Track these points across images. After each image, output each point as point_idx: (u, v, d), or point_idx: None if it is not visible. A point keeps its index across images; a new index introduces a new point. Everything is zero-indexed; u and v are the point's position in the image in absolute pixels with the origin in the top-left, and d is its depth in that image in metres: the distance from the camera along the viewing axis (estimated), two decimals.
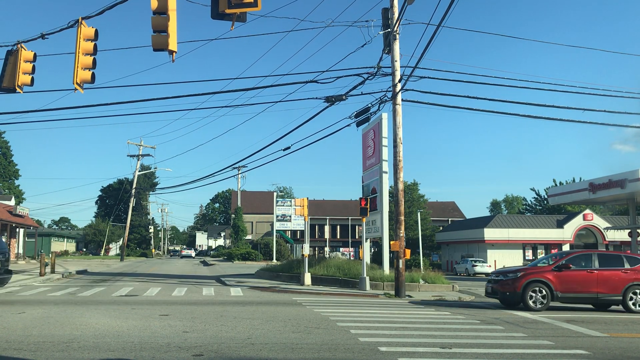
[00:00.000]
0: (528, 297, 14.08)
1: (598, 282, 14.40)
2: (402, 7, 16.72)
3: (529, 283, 14.18)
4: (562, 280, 14.28)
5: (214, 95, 31.34)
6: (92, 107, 18.23)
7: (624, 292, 14.37)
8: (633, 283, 14.41)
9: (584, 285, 14.40)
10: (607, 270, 14.57)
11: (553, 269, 14.51)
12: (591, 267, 14.62)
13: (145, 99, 23.51)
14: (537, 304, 14.07)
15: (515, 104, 55.02)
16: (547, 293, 14.13)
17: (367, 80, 18.97)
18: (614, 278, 14.47)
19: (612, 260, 15.05)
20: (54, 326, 9.77)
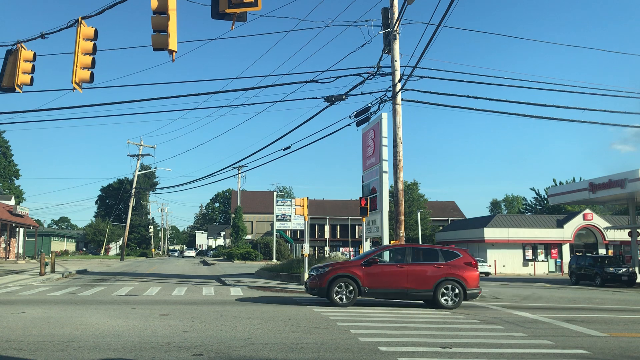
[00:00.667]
0: (334, 293, 13.69)
1: (408, 276, 13.92)
2: (402, 7, 16.73)
3: (334, 278, 13.77)
4: (370, 275, 13.86)
5: (213, 95, 31.32)
6: (92, 106, 18.25)
7: (435, 287, 13.84)
8: (446, 278, 13.90)
9: (394, 280, 13.93)
10: (419, 265, 14.13)
11: (362, 264, 14.05)
12: (403, 262, 14.17)
13: (145, 99, 23.51)
14: (343, 299, 13.69)
15: (516, 103, 55.08)
16: (354, 288, 13.70)
17: (367, 80, 18.99)
18: (426, 273, 13.97)
19: (427, 255, 14.56)
20: (54, 326, 9.76)
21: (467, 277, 14.02)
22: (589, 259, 32.12)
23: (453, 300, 13.88)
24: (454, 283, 13.94)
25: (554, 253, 49.42)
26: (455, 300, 13.89)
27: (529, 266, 48.84)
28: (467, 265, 14.25)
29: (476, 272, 14.30)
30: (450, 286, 13.92)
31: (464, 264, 14.24)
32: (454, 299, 13.88)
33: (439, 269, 14.04)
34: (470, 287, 14.02)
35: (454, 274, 13.98)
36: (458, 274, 13.99)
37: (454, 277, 13.95)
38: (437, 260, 14.27)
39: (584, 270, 31.30)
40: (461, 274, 14.01)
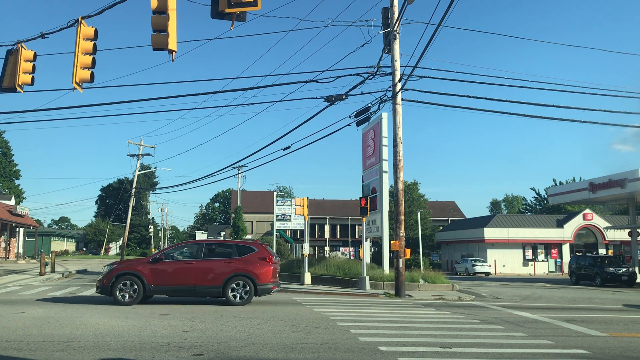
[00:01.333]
0: (117, 291, 13.35)
1: (197, 273, 13.60)
2: (402, 7, 16.71)
3: (118, 276, 13.47)
4: (157, 272, 13.55)
5: (213, 95, 31.32)
6: (92, 106, 18.23)
7: (224, 283, 13.52)
8: (236, 274, 13.57)
9: (181, 277, 13.61)
10: (209, 261, 13.87)
11: (150, 261, 13.80)
12: (194, 258, 13.95)
13: (145, 99, 23.50)
14: (126, 297, 13.36)
15: (516, 103, 55.06)
16: (138, 286, 13.39)
17: (367, 79, 18.96)
18: (215, 269, 13.67)
19: (220, 251, 14.34)
20: (54, 326, 9.77)
21: (258, 272, 13.66)
22: (589, 259, 32.12)
23: (242, 297, 13.52)
24: (245, 279, 13.58)
25: (554, 253, 49.43)
26: (244, 297, 13.52)
27: (529, 266, 48.85)
28: (261, 260, 13.85)
29: (270, 267, 13.87)
30: (241, 282, 13.56)
31: (257, 258, 13.87)
32: (243, 296, 13.52)
33: (229, 265, 13.71)
34: (262, 282, 13.64)
35: (244, 269, 13.63)
36: (249, 269, 13.64)
37: (245, 272, 13.61)
38: (230, 256, 13.96)
39: (584, 270, 31.31)
40: (252, 269, 13.65)
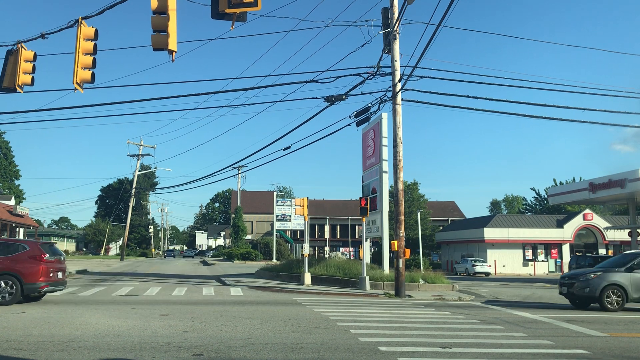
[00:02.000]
0: None
1: None
2: (402, 7, 16.72)
3: None
4: None
5: (213, 95, 31.35)
6: (92, 106, 18.26)
7: None
8: (2, 273, 13.07)
9: None
10: None
11: None
12: None
13: (145, 99, 23.52)
14: None
15: (516, 103, 55.06)
16: None
17: (367, 80, 18.97)
18: None
19: None
20: (54, 326, 9.77)
21: (26, 271, 13.27)
22: (589, 259, 32.06)
23: (6, 297, 13.01)
24: (11, 277, 13.16)
25: (554, 253, 49.42)
26: (8, 298, 13.01)
27: (529, 266, 48.84)
28: (30, 259, 13.52)
29: (40, 266, 13.44)
30: (9, 282, 13.10)
31: (27, 257, 13.54)
32: (6, 296, 13.02)
33: None
34: (29, 281, 13.23)
35: (11, 268, 13.22)
36: (16, 268, 13.24)
37: (11, 271, 13.20)
38: None
39: None
40: (19, 268, 13.25)
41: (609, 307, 14.37)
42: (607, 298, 14.47)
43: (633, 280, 14.54)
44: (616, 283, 14.52)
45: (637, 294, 14.49)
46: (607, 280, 14.57)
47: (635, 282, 14.53)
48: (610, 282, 14.54)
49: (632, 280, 14.53)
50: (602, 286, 14.50)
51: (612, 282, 14.54)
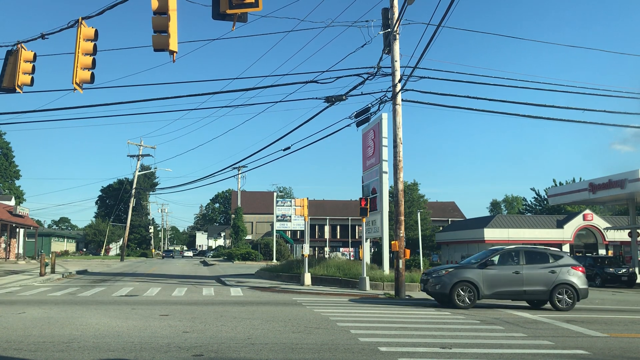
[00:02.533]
0: None
1: None
2: (402, 7, 16.72)
3: None
4: None
5: (214, 95, 31.36)
6: (92, 107, 18.26)
7: None
8: None
9: None
10: None
11: None
12: None
13: (145, 99, 23.52)
14: None
15: (515, 104, 55.00)
16: None
17: (367, 80, 18.96)
18: None
19: None
20: (54, 326, 9.77)
21: None
22: (589, 260, 32.09)
23: None
24: None
25: None
26: None
27: None
28: None
29: None
30: None
31: None
32: None
33: None
34: None
35: None
36: None
37: None
38: None
39: None
40: None
41: (459, 304, 13.99)
42: (457, 295, 14.08)
43: (485, 276, 14.23)
44: (467, 280, 14.16)
45: (489, 290, 14.17)
46: (458, 277, 14.23)
47: (487, 278, 14.20)
48: (462, 278, 14.19)
49: (484, 277, 14.20)
50: (453, 283, 14.15)
51: (463, 278, 14.18)
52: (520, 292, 14.40)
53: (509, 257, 14.96)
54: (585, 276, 14.87)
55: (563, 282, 14.36)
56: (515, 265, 14.64)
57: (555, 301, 14.30)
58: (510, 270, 14.46)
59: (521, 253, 14.92)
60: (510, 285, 14.33)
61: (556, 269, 14.48)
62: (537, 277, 14.40)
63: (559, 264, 14.63)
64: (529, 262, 14.70)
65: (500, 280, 14.32)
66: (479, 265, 14.56)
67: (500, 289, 14.32)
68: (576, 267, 14.77)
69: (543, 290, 14.36)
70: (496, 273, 14.39)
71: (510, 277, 14.35)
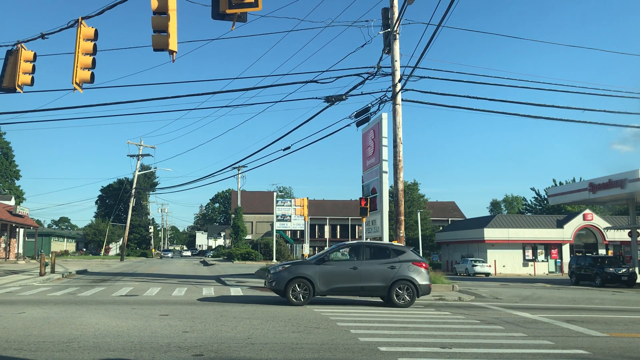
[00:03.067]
0: None
1: None
2: (402, 7, 16.73)
3: None
4: None
5: (214, 95, 31.36)
6: (92, 107, 18.28)
7: None
8: None
9: None
10: None
11: None
12: None
13: (145, 99, 23.52)
14: None
15: (515, 104, 55.06)
16: None
17: (367, 80, 19.00)
18: None
19: None
20: (54, 326, 9.76)
21: None
22: (589, 259, 32.11)
23: None
24: None
25: (554, 253, 49.42)
26: None
27: (529, 266, 48.84)
28: None
29: None
30: None
31: None
32: None
33: None
34: None
35: None
36: None
37: None
38: None
39: (584, 270, 31.30)
40: None
41: (293, 301, 13.72)
42: (292, 291, 13.81)
43: (322, 272, 13.99)
44: (303, 276, 13.92)
45: (325, 286, 13.93)
46: (293, 273, 13.96)
47: (324, 274, 13.97)
48: (297, 275, 13.94)
49: (321, 273, 13.97)
50: (288, 279, 13.86)
51: (299, 275, 13.93)
52: (357, 288, 14.13)
53: (350, 252, 14.82)
54: (427, 272, 14.56)
55: (402, 278, 14.08)
56: (354, 261, 14.41)
57: (393, 297, 14.02)
58: (348, 266, 14.23)
59: (362, 248, 14.69)
60: (347, 281, 14.06)
61: (396, 265, 14.20)
62: (375, 272, 14.11)
63: (400, 260, 14.33)
64: (370, 257, 14.46)
65: (337, 276, 14.07)
66: (317, 262, 14.31)
67: (336, 285, 14.04)
68: (418, 263, 14.46)
69: (381, 286, 14.06)
70: (333, 269, 14.16)
71: (348, 273, 14.10)
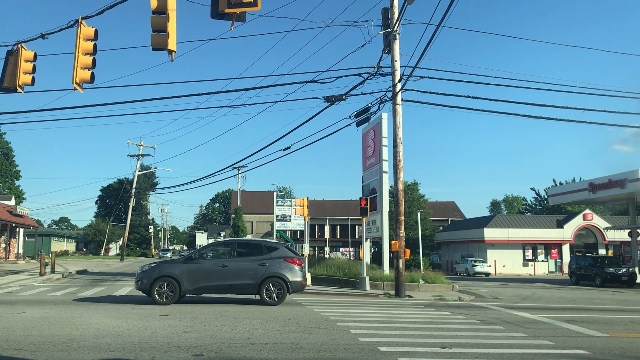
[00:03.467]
0: None
1: None
2: (402, 7, 16.71)
3: None
4: None
5: (213, 95, 31.36)
6: (92, 107, 18.26)
7: None
8: None
9: None
10: None
11: None
12: None
13: (145, 99, 23.52)
14: None
15: (515, 104, 55.06)
16: None
17: (367, 80, 18.97)
18: None
19: None
20: (54, 326, 9.76)
21: None
22: (589, 259, 32.11)
23: None
24: None
25: (554, 253, 49.42)
26: None
27: (528, 266, 48.84)
28: None
29: None
30: None
31: None
32: None
33: None
34: None
35: None
36: None
37: None
38: None
39: (584, 270, 31.30)
40: None
41: (158, 300, 13.43)
42: (157, 290, 13.56)
43: (189, 271, 13.79)
44: (169, 275, 13.71)
45: (192, 285, 13.72)
46: (159, 272, 13.76)
47: (190, 273, 13.76)
48: (163, 274, 13.73)
49: (187, 272, 13.78)
50: (154, 278, 13.61)
51: (165, 274, 13.73)
52: (226, 286, 13.95)
53: (221, 250, 14.67)
54: (300, 269, 14.35)
55: (273, 275, 13.91)
56: (223, 258, 14.24)
57: (263, 295, 13.85)
58: (217, 264, 14.05)
59: (233, 246, 14.59)
60: (215, 279, 13.87)
61: (267, 262, 14.02)
62: (244, 270, 13.95)
63: (271, 257, 14.15)
64: (241, 255, 14.32)
65: (205, 275, 13.89)
66: (185, 260, 14.19)
67: (204, 283, 13.85)
68: (290, 260, 14.26)
69: (251, 283, 13.88)
70: (201, 267, 13.96)
71: (216, 271, 13.92)
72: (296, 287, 14.28)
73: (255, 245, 14.85)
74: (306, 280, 14.42)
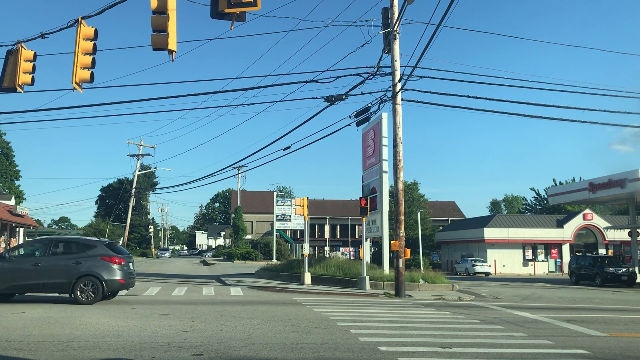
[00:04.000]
0: None
1: None
2: (402, 7, 16.71)
3: None
4: None
5: (213, 95, 31.34)
6: (92, 106, 18.23)
7: None
8: None
9: None
10: None
11: None
12: None
13: (145, 99, 23.50)
14: None
15: (516, 103, 55.09)
16: None
17: (367, 80, 18.96)
18: None
19: None
20: (54, 326, 9.77)
21: None
22: (588, 259, 32.11)
23: None
24: None
25: (553, 253, 49.41)
26: None
27: (528, 266, 48.83)
28: None
29: None
30: None
31: None
32: None
33: None
34: None
35: None
36: None
37: None
38: None
39: (584, 270, 31.30)
40: None
41: None
42: None
43: (1, 270, 13.38)
44: None
45: (4, 284, 13.30)
46: None
47: (3, 272, 13.35)
48: None
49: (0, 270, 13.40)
50: None
51: None
52: (38, 285, 13.55)
53: (37, 248, 14.33)
54: (120, 267, 13.86)
55: (87, 273, 13.52)
56: (37, 257, 13.84)
57: (77, 293, 13.42)
58: (30, 262, 13.69)
59: (50, 244, 14.12)
60: (27, 278, 13.49)
61: (82, 260, 13.67)
62: (57, 268, 13.57)
63: (88, 255, 13.81)
64: (57, 253, 13.95)
65: (16, 274, 13.50)
66: None
67: (16, 282, 13.47)
68: (107, 258, 13.82)
69: (64, 282, 13.47)
70: (13, 266, 13.59)
71: (29, 270, 13.55)
72: (113, 286, 13.84)
73: (73, 243, 14.50)
74: (126, 280, 14.05)
